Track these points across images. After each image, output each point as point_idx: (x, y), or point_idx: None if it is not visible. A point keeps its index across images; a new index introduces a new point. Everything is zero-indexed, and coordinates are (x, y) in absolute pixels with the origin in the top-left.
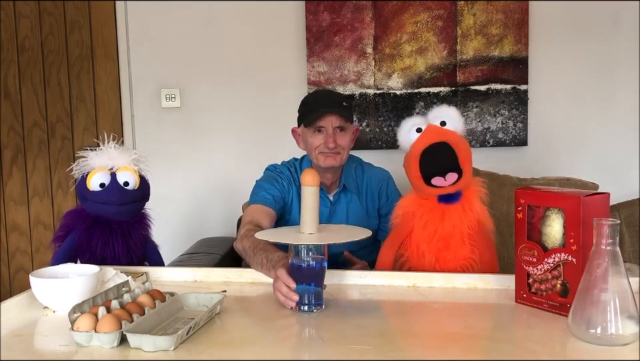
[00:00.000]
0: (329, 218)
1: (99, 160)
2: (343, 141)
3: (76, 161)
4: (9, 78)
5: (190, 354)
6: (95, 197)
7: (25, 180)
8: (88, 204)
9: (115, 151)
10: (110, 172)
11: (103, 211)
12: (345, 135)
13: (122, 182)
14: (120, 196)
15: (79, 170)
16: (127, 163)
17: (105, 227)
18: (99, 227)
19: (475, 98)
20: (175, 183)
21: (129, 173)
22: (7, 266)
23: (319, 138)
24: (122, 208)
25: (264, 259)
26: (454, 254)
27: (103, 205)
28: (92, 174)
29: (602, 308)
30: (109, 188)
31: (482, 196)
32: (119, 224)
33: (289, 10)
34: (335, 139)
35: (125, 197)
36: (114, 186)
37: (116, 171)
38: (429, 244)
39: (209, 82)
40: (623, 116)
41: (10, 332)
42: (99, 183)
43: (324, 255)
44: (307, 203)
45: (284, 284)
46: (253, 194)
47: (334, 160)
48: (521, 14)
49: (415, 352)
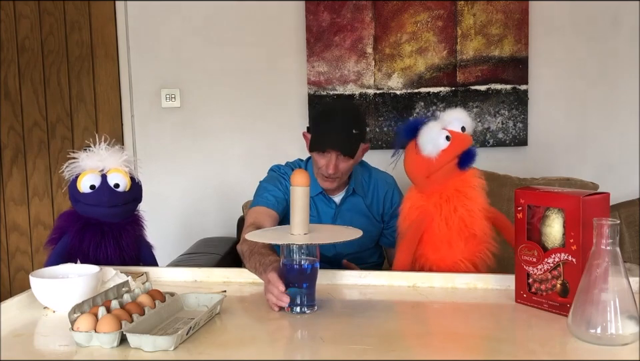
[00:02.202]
0: (334, 220)
1: (90, 162)
2: (344, 167)
3: (66, 162)
4: (9, 78)
5: (190, 354)
6: (85, 199)
7: (25, 180)
8: (79, 205)
9: (105, 152)
10: (100, 173)
11: (93, 213)
12: (348, 161)
13: (112, 184)
14: (110, 198)
15: (70, 171)
16: (118, 164)
17: (96, 229)
18: (91, 229)
19: (474, 98)
20: (175, 183)
21: (119, 175)
22: (6, 266)
23: (322, 159)
24: (112, 210)
25: (257, 263)
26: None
27: (94, 207)
28: (82, 175)
29: (602, 308)
30: (99, 189)
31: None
32: (110, 226)
33: (289, 10)
34: (336, 165)
35: (116, 199)
36: (104, 188)
37: (107, 173)
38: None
39: (209, 82)
40: (623, 116)
41: (10, 332)
42: (89, 185)
43: (316, 256)
44: (296, 203)
45: (275, 286)
46: (256, 195)
47: (330, 185)
48: (521, 14)
49: (414, 351)
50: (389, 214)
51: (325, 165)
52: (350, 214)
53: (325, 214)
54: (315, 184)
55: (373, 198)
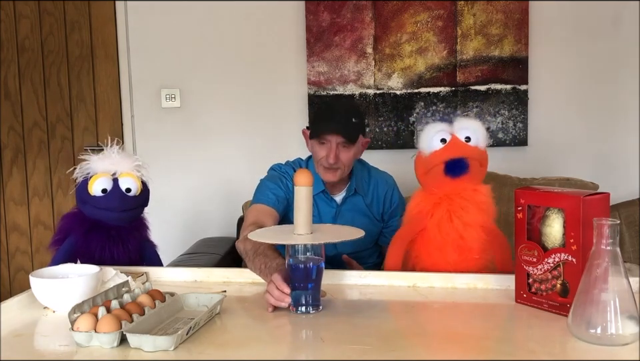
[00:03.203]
0: (335, 219)
1: (102, 165)
2: (345, 157)
3: (78, 164)
4: (9, 78)
5: (190, 354)
6: (95, 202)
7: (25, 180)
8: (87, 208)
9: (118, 156)
10: (112, 177)
11: (102, 216)
12: (348, 151)
13: (124, 188)
14: (121, 203)
15: (81, 173)
16: (130, 169)
17: (102, 232)
18: (97, 232)
19: (474, 98)
20: (175, 183)
21: (131, 179)
22: (7, 266)
23: (323, 150)
24: (122, 215)
25: (262, 265)
26: (466, 253)
27: (103, 211)
28: (94, 178)
29: (602, 308)
30: (111, 194)
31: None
32: (117, 230)
33: (289, 10)
34: (336, 154)
35: (126, 204)
36: (116, 193)
37: (118, 177)
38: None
39: (209, 82)
40: (623, 116)
41: (10, 332)
42: (101, 188)
43: (321, 256)
44: (299, 203)
45: (277, 288)
46: (257, 193)
47: (333, 176)
48: (521, 14)
49: (414, 352)
50: (389, 214)
51: (325, 155)
52: (351, 214)
53: (325, 214)
54: (316, 183)
55: (373, 198)
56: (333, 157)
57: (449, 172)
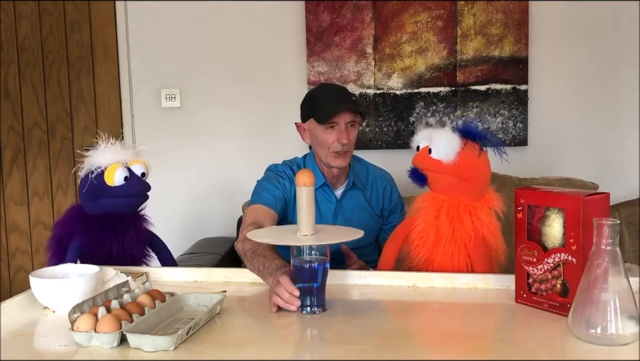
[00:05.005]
0: (335, 214)
1: (108, 157)
2: (353, 136)
3: (83, 160)
4: (9, 78)
5: (190, 354)
6: (115, 192)
7: (25, 180)
8: (103, 201)
9: (119, 147)
10: (125, 166)
11: (122, 204)
12: (354, 130)
13: (139, 174)
14: (143, 187)
15: (90, 168)
16: (136, 156)
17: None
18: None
19: (474, 98)
20: (175, 183)
21: (141, 165)
22: (7, 266)
23: (332, 134)
24: (142, 200)
25: (261, 265)
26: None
27: (125, 198)
28: (112, 169)
29: (602, 308)
30: (132, 180)
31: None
32: (122, 222)
33: (289, 10)
34: (347, 135)
35: (147, 187)
36: (135, 178)
37: (129, 164)
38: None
39: (209, 82)
40: (623, 116)
41: (10, 332)
42: (124, 177)
43: (326, 256)
44: (302, 204)
45: (286, 290)
46: (255, 193)
47: (343, 161)
48: (521, 14)
49: (414, 352)
50: (389, 210)
51: (336, 138)
52: (350, 210)
53: (325, 210)
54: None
55: (372, 192)
56: (345, 137)
57: (412, 179)
